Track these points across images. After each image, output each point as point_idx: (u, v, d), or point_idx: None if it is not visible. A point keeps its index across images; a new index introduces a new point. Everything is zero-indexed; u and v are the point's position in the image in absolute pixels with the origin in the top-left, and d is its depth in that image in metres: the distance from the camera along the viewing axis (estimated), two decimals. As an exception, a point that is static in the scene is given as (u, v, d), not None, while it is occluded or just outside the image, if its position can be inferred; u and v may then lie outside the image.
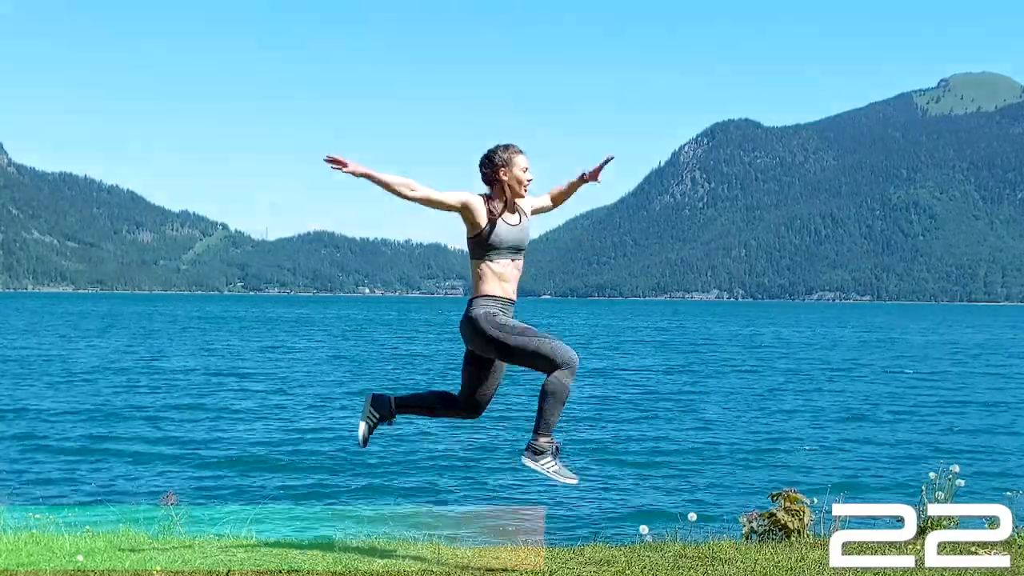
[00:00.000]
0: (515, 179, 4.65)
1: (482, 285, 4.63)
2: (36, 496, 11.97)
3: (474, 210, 4.57)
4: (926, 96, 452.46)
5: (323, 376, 29.79)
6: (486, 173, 4.68)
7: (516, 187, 4.66)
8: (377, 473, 14.04)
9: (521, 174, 4.66)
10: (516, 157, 4.67)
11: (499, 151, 4.67)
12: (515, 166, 4.65)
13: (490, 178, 4.68)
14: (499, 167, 4.64)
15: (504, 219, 4.62)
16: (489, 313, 4.57)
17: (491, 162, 4.66)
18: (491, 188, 4.68)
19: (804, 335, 66.25)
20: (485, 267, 4.62)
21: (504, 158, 4.65)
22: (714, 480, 13.83)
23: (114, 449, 15.72)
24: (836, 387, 28.22)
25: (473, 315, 4.59)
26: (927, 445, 17.27)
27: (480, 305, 4.59)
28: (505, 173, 4.64)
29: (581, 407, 22.15)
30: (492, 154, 4.68)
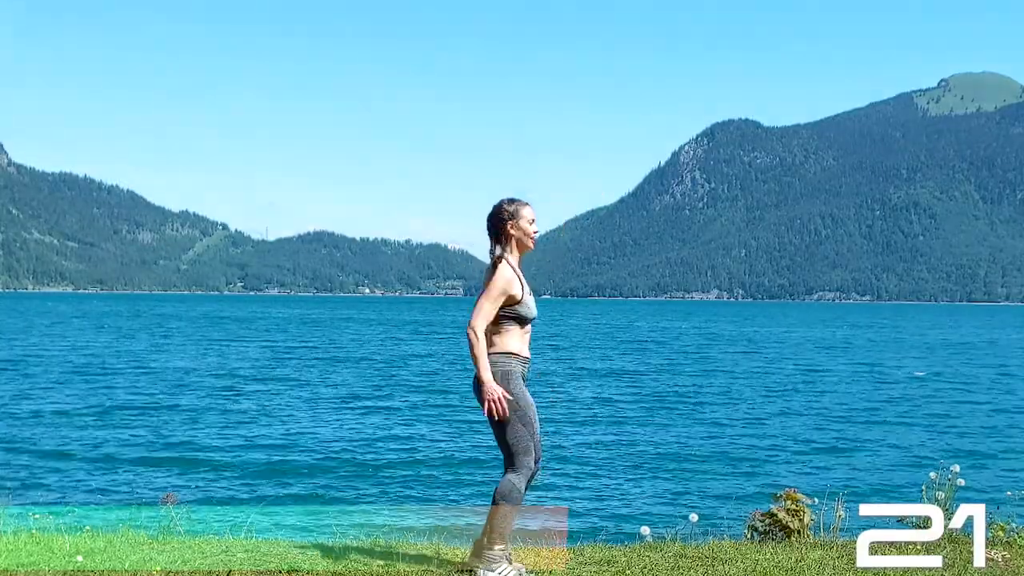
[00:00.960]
0: (523, 232, 4.68)
1: (509, 344, 4.65)
2: (36, 496, 11.96)
3: (514, 292, 4.62)
4: (926, 96, 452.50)
5: (323, 376, 29.77)
6: (494, 228, 4.70)
7: (524, 240, 4.70)
8: (378, 473, 14.03)
9: (528, 226, 4.69)
10: (523, 210, 4.70)
11: (505, 205, 4.71)
12: (522, 219, 4.68)
13: (499, 233, 4.70)
14: (507, 221, 4.67)
15: (525, 290, 4.69)
16: (508, 373, 4.61)
17: (499, 217, 4.69)
18: (499, 242, 4.71)
19: (805, 335, 66.23)
20: (514, 328, 4.67)
21: (511, 211, 4.68)
22: (715, 480, 13.82)
23: (114, 449, 15.71)
24: (837, 388, 28.20)
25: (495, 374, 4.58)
26: (928, 445, 17.26)
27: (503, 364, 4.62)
28: (513, 227, 4.67)
29: (582, 407, 22.15)
30: (499, 209, 4.71)
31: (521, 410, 4.60)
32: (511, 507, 4.60)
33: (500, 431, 4.61)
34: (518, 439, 4.60)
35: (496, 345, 4.66)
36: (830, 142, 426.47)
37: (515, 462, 4.61)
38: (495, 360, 4.62)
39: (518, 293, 4.61)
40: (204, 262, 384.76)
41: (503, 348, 4.65)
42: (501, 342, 4.65)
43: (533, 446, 4.62)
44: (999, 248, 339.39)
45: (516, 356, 4.65)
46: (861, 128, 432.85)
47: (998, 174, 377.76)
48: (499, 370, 4.60)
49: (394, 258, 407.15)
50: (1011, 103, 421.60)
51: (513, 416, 4.58)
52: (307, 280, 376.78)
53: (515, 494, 4.58)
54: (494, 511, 4.62)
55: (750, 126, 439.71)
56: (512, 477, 4.60)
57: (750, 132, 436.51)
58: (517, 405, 4.59)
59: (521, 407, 4.60)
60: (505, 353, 4.64)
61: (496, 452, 4.26)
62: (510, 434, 4.60)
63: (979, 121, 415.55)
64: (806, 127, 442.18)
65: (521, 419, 4.59)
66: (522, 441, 4.59)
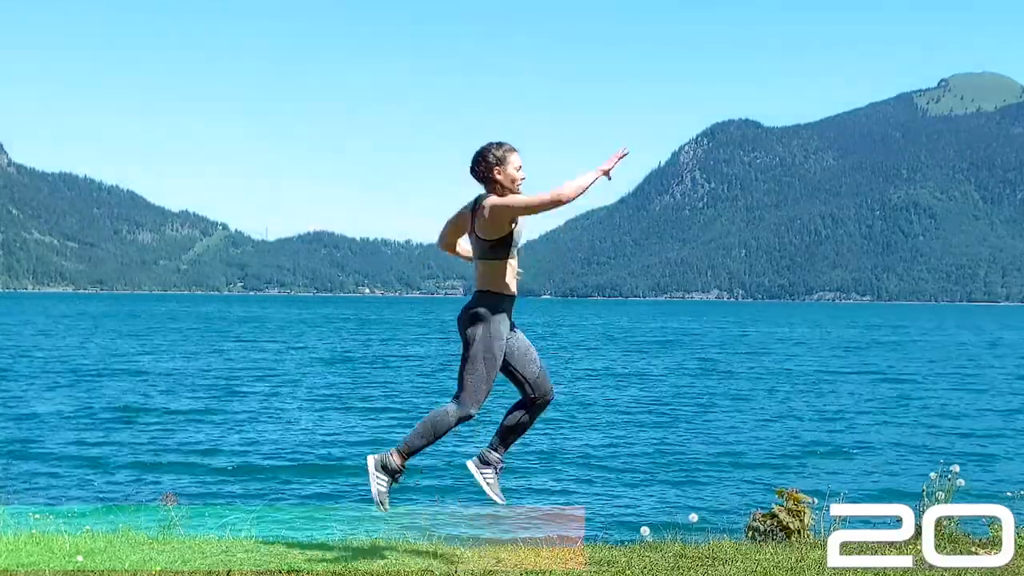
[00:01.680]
0: (509, 178, 4.60)
1: (498, 281, 4.59)
2: (36, 496, 11.96)
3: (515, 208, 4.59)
4: (926, 96, 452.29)
5: (321, 377, 29.78)
6: (480, 171, 4.63)
7: (510, 186, 4.60)
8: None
9: (515, 172, 4.61)
10: (510, 155, 4.62)
11: (492, 149, 4.62)
12: (509, 164, 4.60)
13: (483, 177, 4.63)
14: (493, 166, 4.59)
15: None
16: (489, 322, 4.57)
17: (485, 161, 4.61)
18: (484, 186, 4.65)
19: (805, 336, 66.21)
20: (505, 265, 4.60)
21: (498, 156, 4.60)
22: (715, 480, 13.81)
23: (114, 450, 15.70)
24: (837, 388, 28.19)
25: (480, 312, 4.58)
26: (928, 446, 17.25)
27: (491, 304, 4.59)
28: (499, 172, 4.59)
29: (582, 408, 22.14)
30: (486, 152, 4.63)
31: (491, 353, 4.55)
32: (433, 434, 4.63)
33: (464, 365, 4.58)
34: (475, 378, 4.55)
35: (487, 281, 4.60)
36: (830, 142, 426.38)
37: (460, 397, 4.60)
38: (485, 298, 4.58)
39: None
40: (204, 262, 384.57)
41: (493, 286, 4.59)
42: (492, 279, 4.59)
43: (484, 394, 4.57)
44: (999, 248, 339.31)
45: (507, 296, 4.61)
46: (861, 128, 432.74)
47: (998, 174, 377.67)
48: (485, 307, 4.56)
49: (394, 258, 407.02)
50: (1011, 103, 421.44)
51: (481, 357, 4.53)
52: (307, 280, 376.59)
53: (441, 425, 4.60)
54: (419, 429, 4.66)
55: (750, 126, 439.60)
56: (452, 408, 4.61)
57: (750, 132, 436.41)
58: (489, 348, 4.54)
59: (493, 351, 4.55)
60: (494, 293, 4.59)
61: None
62: (469, 369, 4.57)
63: (979, 121, 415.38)
64: (806, 127, 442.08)
65: (487, 361, 4.55)
66: (476, 381, 4.55)
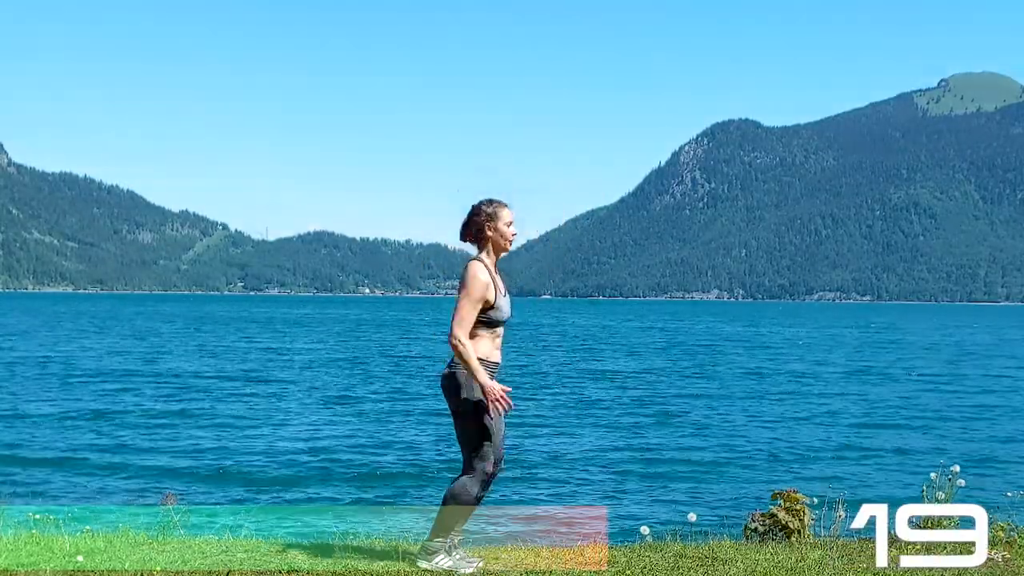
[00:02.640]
0: (500, 233, 4.68)
1: (478, 347, 4.62)
2: (36, 496, 11.96)
3: (489, 296, 4.61)
4: (926, 96, 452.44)
5: (321, 378, 29.79)
6: (472, 229, 4.71)
7: (501, 241, 4.70)
8: (378, 474, 14.03)
9: (506, 228, 4.69)
10: (501, 211, 4.70)
11: (484, 206, 4.70)
12: (500, 220, 4.68)
13: (477, 234, 4.71)
14: (485, 222, 4.68)
15: (501, 291, 4.69)
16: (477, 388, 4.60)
17: (477, 217, 4.70)
18: (476, 243, 4.73)
19: (805, 336, 66.22)
20: (486, 332, 4.66)
21: (489, 213, 4.68)
22: (715, 480, 13.82)
23: (114, 450, 15.71)
24: (838, 388, 28.20)
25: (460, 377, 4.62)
26: (929, 446, 17.26)
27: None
28: (491, 228, 4.68)
29: (581, 408, 22.15)
30: (478, 210, 4.71)
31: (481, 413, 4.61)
32: (460, 507, 4.66)
33: (463, 433, 4.65)
34: (478, 443, 4.63)
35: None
36: (830, 142, 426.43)
37: (472, 465, 4.65)
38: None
39: (492, 297, 4.60)
40: (204, 262, 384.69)
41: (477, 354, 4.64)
42: (476, 347, 4.63)
43: (492, 451, 4.63)
44: (999, 248, 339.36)
45: (485, 362, 4.64)
46: (861, 128, 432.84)
47: (998, 174, 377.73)
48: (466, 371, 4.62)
49: (394, 258, 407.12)
50: (1011, 103, 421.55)
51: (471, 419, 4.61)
52: (307, 280, 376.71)
53: (465, 496, 4.64)
54: (443, 509, 4.70)
55: (750, 126, 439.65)
56: (466, 480, 4.65)
57: (750, 132, 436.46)
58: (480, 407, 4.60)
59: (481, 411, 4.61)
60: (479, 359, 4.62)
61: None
62: (471, 437, 4.63)
63: (979, 121, 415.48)
64: (806, 127, 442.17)
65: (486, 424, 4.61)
66: (482, 446, 4.62)
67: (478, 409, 4.59)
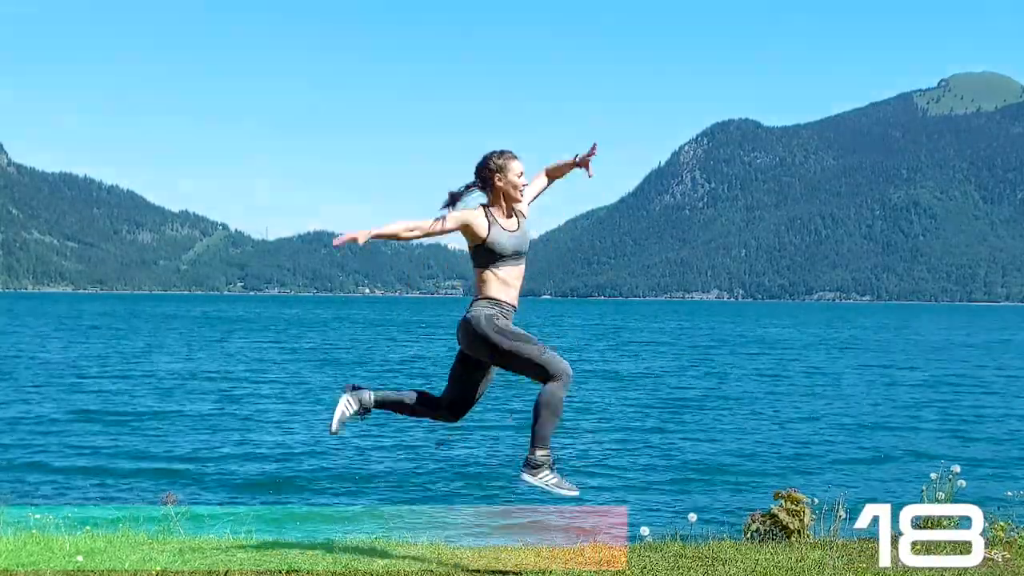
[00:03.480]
0: (510, 184, 4.66)
1: (485, 288, 4.63)
2: (36, 496, 11.96)
3: (474, 224, 4.58)
4: (926, 96, 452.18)
5: (322, 378, 29.80)
6: (481, 180, 4.70)
7: (512, 192, 4.67)
8: (377, 474, 14.03)
9: (516, 179, 4.66)
10: (511, 163, 4.67)
11: (493, 157, 4.68)
12: (510, 171, 4.66)
13: (485, 184, 4.69)
14: (494, 173, 4.66)
15: (502, 226, 4.63)
16: (489, 315, 4.57)
17: (486, 168, 4.68)
18: (486, 195, 4.71)
19: (805, 336, 66.21)
20: (489, 273, 4.63)
21: (499, 164, 4.66)
22: (715, 481, 13.82)
23: (114, 450, 15.71)
24: (838, 388, 28.20)
25: (472, 316, 4.59)
26: (929, 446, 17.26)
27: (481, 306, 4.60)
28: (500, 179, 4.65)
29: (581, 408, 22.14)
30: (487, 160, 4.69)
31: (517, 335, 4.57)
32: (550, 413, 4.58)
33: (517, 363, 4.58)
34: (531, 357, 4.54)
35: (479, 291, 4.66)
36: (830, 142, 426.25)
37: (548, 372, 4.55)
38: (478, 304, 4.63)
39: (481, 226, 4.58)
40: (204, 262, 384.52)
41: (485, 294, 4.63)
42: (484, 288, 4.64)
43: (545, 352, 4.56)
44: (999, 248, 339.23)
45: (501, 302, 4.62)
46: (861, 128, 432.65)
47: (998, 174, 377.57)
48: (482, 312, 4.59)
49: (394, 258, 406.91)
50: (1011, 103, 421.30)
51: (513, 345, 4.54)
52: (307, 280, 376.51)
53: (555, 400, 4.56)
54: (538, 418, 4.61)
55: (750, 126, 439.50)
56: (551, 386, 4.56)
57: (750, 132, 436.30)
58: (511, 333, 4.56)
59: (516, 332, 4.58)
60: (487, 298, 4.62)
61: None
62: (524, 358, 4.55)
63: (979, 121, 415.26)
64: (806, 127, 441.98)
65: (522, 339, 4.56)
66: (542, 354, 4.54)
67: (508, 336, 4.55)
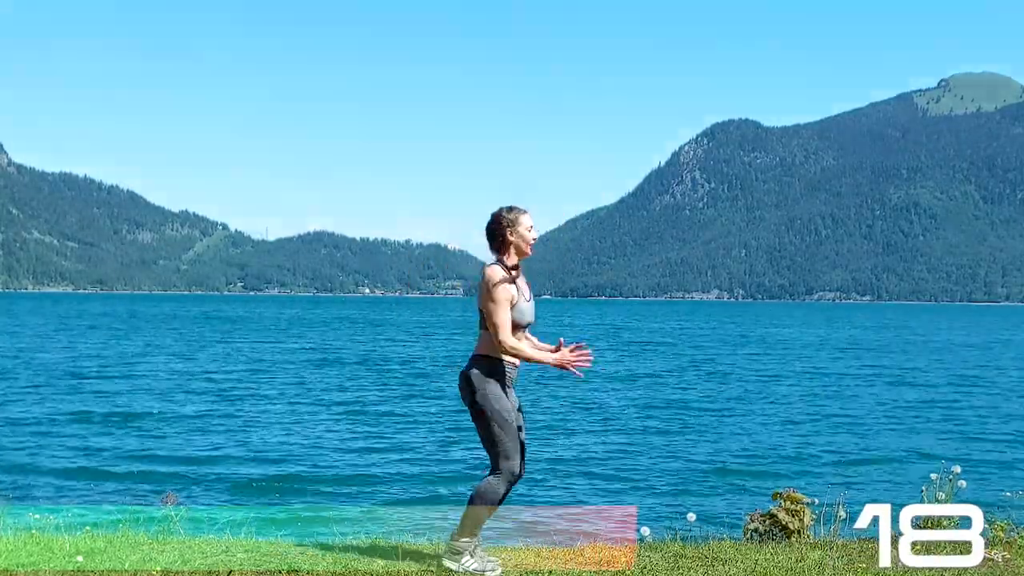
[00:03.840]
0: (521, 238, 4.77)
1: (492, 349, 4.75)
2: (36, 496, 11.96)
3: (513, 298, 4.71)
4: (926, 96, 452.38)
5: (322, 379, 29.80)
6: (493, 235, 4.79)
7: (522, 246, 4.79)
8: (377, 474, 14.03)
9: (526, 233, 4.79)
10: (521, 217, 4.79)
11: (504, 213, 4.79)
12: (520, 225, 4.78)
13: (496, 240, 4.79)
14: (505, 228, 4.76)
15: (523, 295, 4.78)
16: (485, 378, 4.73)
17: (499, 225, 4.78)
18: (498, 250, 4.81)
19: (805, 336, 66.21)
20: None
21: (510, 219, 4.77)
22: (715, 480, 13.82)
23: (114, 450, 15.71)
24: (838, 388, 28.20)
25: (472, 374, 4.75)
26: (929, 446, 17.25)
27: (486, 367, 4.75)
28: (512, 233, 4.76)
29: (581, 408, 22.14)
30: (498, 216, 4.79)
31: (499, 413, 4.70)
32: (485, 507, 4.73)
33: (483, 434, 4.74)
34: (498, 442, 4.70)
35: (485, 348, 4.77)
36: (830, 142, 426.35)
37: (497, 464, 4.72)
38: (481, 362, 4.75)
39: (514, 296, 4.71)
40: (204, 262, 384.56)
41: (491, 353, 4.75)
42: (491, 349, 4.75)
43: (516, 450, 4.73)
44: (999, 248, 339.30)
45: (504, 361, 4.76)
46: (861, 128, 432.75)
47: (998, 174, 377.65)
48: (481, 371, 4.73)
49: (394, 258, 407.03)
50: (1011, 103, 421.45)
51: (491, 419, 4.69)
52: (307, 280, 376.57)
53: (491, 495, 4.72)
54: (469, 508, 4.77)
55: (750, 126, 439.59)
56: (492, 479, 4.73)
57: (750, 132, 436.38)
58: (494, 408, 4.69)
59: (498, 410, 4.70)
60: (492, 358, 4.75)
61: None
62: (490, 437, 4.71)
63: (979, 121, 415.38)
64: (806, 127, 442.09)
65: (500, 423, 4.69)
66: (502, 444, 4.70)
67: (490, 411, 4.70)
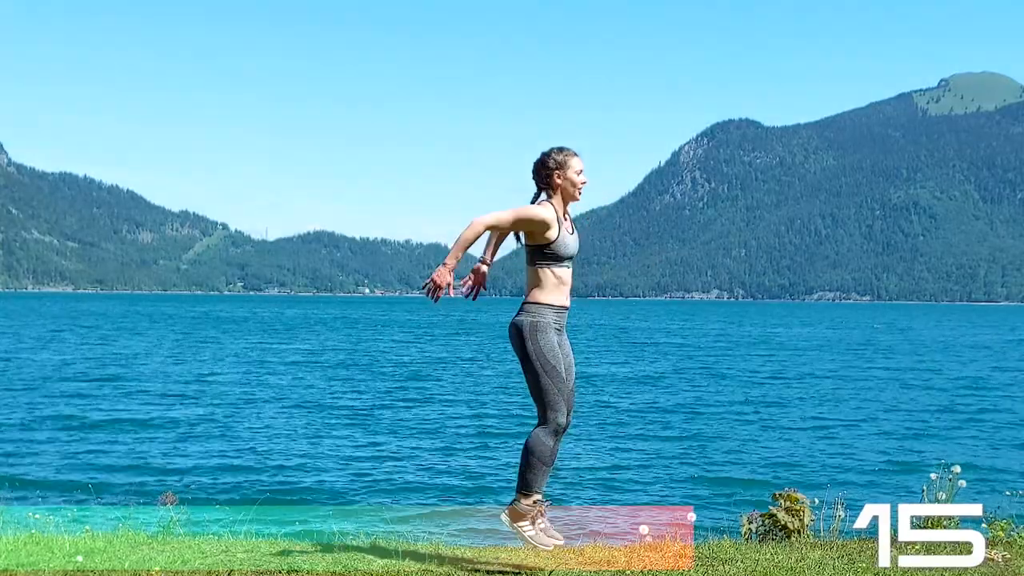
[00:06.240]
0: (570, 182, 4.59)
1: (542, 292, 4.56)
2: (36, 496, 11.97)
3: (548, 221, 4.49)
4: (926, 96, 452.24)
5: (322, 380, 29.82)
6: (541, 177, 4.62)
7: (571, 190, 4.60)
8: (377, 474, 14.04)
9: (576, 177, 4.60)
10: (571, 160, 4.60)
11: (553, 154, 4.61)
12: (570, 168, 4.59)
13: (545, 182, 4.62)
14: (554, 171, 4.58)
15: (563, 230, 4.56)
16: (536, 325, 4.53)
17: (546, 166, 4.60)
18: (545, 192, 4.63)
19: (805, 336, 66.23)
20: (548, 273, 4.55)
21: (559, 160, 4.58)
22: (714, 480, 13.83)
23: (114, 450, 15.72)
24: (838, 388, 28.21)
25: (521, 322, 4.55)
26: (929, 446, 17.27)
27: (531, 314, 4.55)
28: (560, 176, 4.58)
29: (583, 410, 22.17)
30: (546, 158, 4.61)
31: (549, 363, 4.51)
32: (537, 460, 4.54)
33: (531, 384, 4.55)
34: (544, 392, 4.51)
35: (531, 294, 4.57)
36: (830, 142, 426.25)
37: (544, 416, 4.54)
38: (529, 309, 4.55)
39: (553, 225, 4.51)
40: (204, 262, 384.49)
41: (537, 298, 4.56)
42: (537, 291, 4.56)
43: (563, 401, 4.54)
44: (999, 248, 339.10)
45: (551, 306, 4.56)
46: (861, 128, 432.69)
47: (998, 174, 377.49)
48: (530, 320, 4.53)
49: (394, 258, 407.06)
50: (1011, 103, 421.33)
51: (541, 369, 4.50)
52: (307, 280, 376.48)
53: (539, 449, 4.53)
54: (522, 467, 4.58)
55: (750, 126, 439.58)
56: (539, 431, 4.55)
57: (750, 132, 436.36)
58: (545, 358, 4.50)
59: (549, 360, 4.51)
60: (539, 304, 4.56)
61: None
62: (538, 388, 4.52)
63: (979, 121, 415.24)
64: (806, 127, 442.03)
65: (549, 372, 4.51)
66: (548, 395, 4.51)
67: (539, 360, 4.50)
